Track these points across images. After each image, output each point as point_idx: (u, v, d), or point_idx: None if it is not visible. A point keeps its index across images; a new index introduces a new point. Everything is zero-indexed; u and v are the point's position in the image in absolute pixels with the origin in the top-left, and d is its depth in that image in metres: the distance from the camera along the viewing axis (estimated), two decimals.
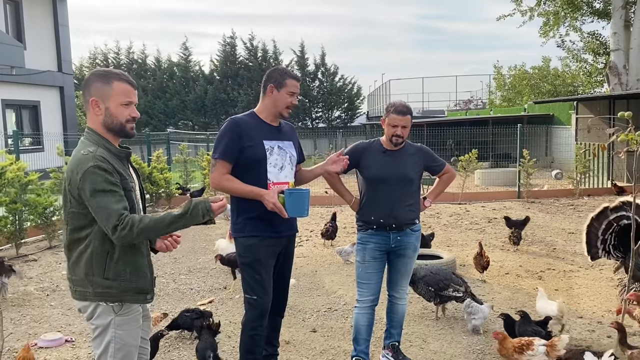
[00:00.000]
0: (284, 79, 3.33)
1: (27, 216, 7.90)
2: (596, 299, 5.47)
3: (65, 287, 6.07)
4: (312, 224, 9.64)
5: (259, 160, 3.27)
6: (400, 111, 3.66)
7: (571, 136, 17.02)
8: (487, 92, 35.34)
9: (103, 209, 2.33)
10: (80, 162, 2.38)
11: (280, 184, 3.32)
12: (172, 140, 18.43)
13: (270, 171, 3.29)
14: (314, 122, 39.03)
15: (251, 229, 3.30)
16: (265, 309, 3.35)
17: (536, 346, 3.35)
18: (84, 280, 2.45)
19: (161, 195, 11.50)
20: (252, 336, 3.37)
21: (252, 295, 3.32)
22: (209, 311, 4.72)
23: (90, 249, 2.43)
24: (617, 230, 5.14)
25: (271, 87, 3.32)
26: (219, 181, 3.27)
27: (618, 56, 17.05)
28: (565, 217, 10.15)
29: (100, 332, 2.52)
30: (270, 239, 3.33)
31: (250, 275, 3.33)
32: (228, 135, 3.26)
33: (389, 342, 4.03)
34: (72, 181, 2.39)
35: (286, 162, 3.38)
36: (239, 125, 3.29)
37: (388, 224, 3.70)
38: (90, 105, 2.47)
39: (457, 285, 4.84)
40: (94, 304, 2.49)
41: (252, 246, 3.30)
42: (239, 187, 3.24)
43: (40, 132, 18.41)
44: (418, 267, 4.85)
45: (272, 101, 3.35)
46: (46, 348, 4.45)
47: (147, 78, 37.63)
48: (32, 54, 18.52)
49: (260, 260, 3.31)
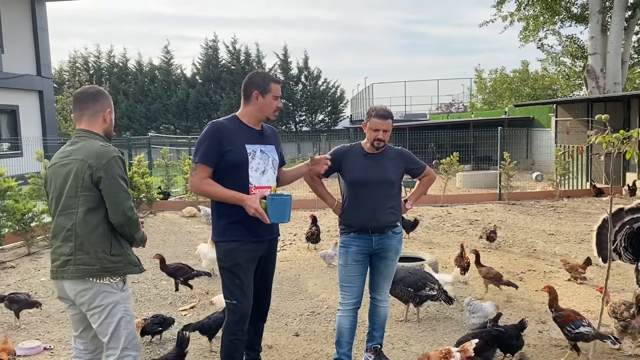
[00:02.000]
0: (268, 84, 3.33)
1: (5, 222, 7.76)
2: (575, 299, 5.55)
3: (45, 295, 5.98)
4: (296, 228, 9.63)
5: (241, 164, 3.26)
6: (381, 115, 3.69)
7: (551, 139, 17.27)
8: (469, 95, 35.75)
9: (124, 192, 2.83)
10: (102, 152, 2.83)
11: (262, 187, 3.31)
12: (153, 145, 18.23)
13: (252, 175, 3.28)
14: (298, 125, 39.07)
15: (231, 233, 3.28)
16: (245, 313, 3.34)
17: (454, 353, 3.52)
18: (93, 258, 2.79)
19: (142, 200, 11.38)
20: (232, 341, 3.35)
21: (232, 300, 3.31)
22: (172, 318, 4.73)
23: (101, 228, 2.82)
24: (631, 232, 5.07)
25: (256, 93, 3.32)
26: (199, 185, 3.25)
27: (595, 60, 17.36)
28: (545, 219, 10.27)
29: (110, 311, 2.82)
30: (251, 244, 3.32)
31: (230, 279, 3.31)
32: (208, 139, 3.25)
33: (372, 345, 4.03)
34: (93, 167, 2.78)
35: (268, 166, 3.38)
36: (220, 130, 3.27)
37: (370, 226, 3.71)
38: (104, 114, 2.98)
39: (432, 283, 4.92)
40: (97, 286, 2.80)
41: (232, 251, 3.28)
42: (220, 192, 3.22)
43: (19, 137, 18.12)
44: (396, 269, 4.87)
45: (257, 107, 3.35)
46: (24, 356, 4.37)
47: (129, 82, 37.36)
48: (10, 57, 18.25)
49: (240, 265, 3.29)
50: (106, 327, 2.82)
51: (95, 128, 2.95)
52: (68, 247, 2.81)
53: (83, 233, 2.79)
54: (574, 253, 7.51)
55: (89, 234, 2.79)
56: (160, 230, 9.88)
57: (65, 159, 2.89)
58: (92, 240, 2.79)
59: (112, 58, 38.58)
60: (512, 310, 5.21)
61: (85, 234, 2.79)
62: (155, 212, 11.70)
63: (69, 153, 2.90)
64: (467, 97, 35.90)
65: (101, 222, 2.82)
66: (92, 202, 2.80)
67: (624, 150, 4.04)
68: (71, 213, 2.82)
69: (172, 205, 12.26)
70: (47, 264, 7.43)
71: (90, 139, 2.89)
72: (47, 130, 20.04)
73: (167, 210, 11.93)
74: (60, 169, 2.89)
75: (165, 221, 10.76)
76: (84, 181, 2.78)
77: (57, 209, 2.88)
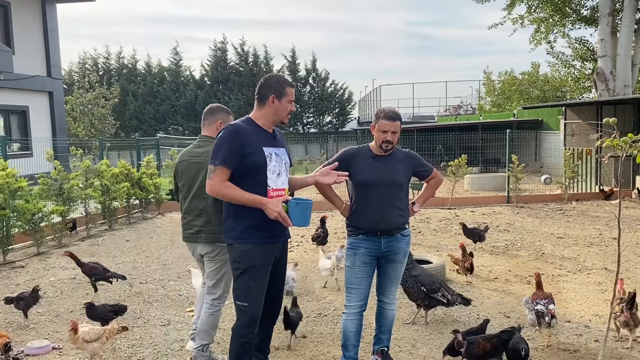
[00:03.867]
0: (284, 88, 3.36)
1: (15, 222, 7.82)
2: (584, 303, 5.52)
3: (54, 294, 6.02)
4: (303, 230, 9.64)
5: (260, 166, 3.26)
6: (390, 117, 3.69)
7: (560, 141, 17.17)
8: (477, 97, 35.60)
9: None
10: None
11: (279, 190, 3.33)
12: (162, 146, 18.36)
13: (270, 177, 3.30)
14: (305, 127, 39.10)
15: (248, 235, 3.27)
16: (256, 316, 3.33)
17: None
18: (218, 230, 3.69)
19: (150, 201, 11.44)
20: (242, 344, 3.34)
21: (243, 302, 3.30)
22: (125, 305, 4.91)
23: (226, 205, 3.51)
24: None
25: (273, 97, 3.33)
26: (219, 188, 3.22)
27: (605, 62, 17.24)
28: (554, 222, 10.22)
29: (220, 266, 3.91)
30: (266, 246, 3.32)
31: (244, 281, 3.29)
32: (229, 141, 3.23)
33: (378, 348, 4.03)
34: None
35: (282, 169, 3.40)
36: (239, 132, 3.27)
37: (379, 228, 3.71)
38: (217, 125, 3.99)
39: (446, 291, 4.87)
40: (219, 248, 3.85)
41: (248, 252, 3.27)
42: (241, 195, 3.20)
43: (29, 137, 18.28)
44: (413, 266, 4.89)
45: (273, 111, 3.36)
46: (33, 356, 4.40)
47: (137, 83, 37.54)
48: (21, 58, 18.41)
49: (256, 267, 3.29)
50: (214, 275, 3.92)
51: (210, 133, 4.03)
52: (200, 221, 3.89)
53: (211, 212, 3.81)
54: (583, 256, 7.47)
55: (215, 213, 3.76)
56: (168, 231, 9.92)
57: (196, 158, 3.95)
58: (218, 217, 3.66)
59: (121, 59, 38.81)
60: (520, 314, 5.18)
61: (212, 213, 3.80)
62: (164, 213, 11.76)
63: (199, 154, 3.94)
64: (475, 99, 35.78)
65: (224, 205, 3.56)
66: None
67: (633, 153, 4.01)
68: (203, 198, 3.80)
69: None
70: (56, 263, 7.49)
71: (208, 141, 3.89)
72: (57, 130, 20.21)
73: (175, 211, 11.97)
74: (191, 165, 3.95)
75: (173, 222, 10.81)
76: None
77: (188, 194, 3.96)
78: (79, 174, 9.38)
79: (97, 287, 5.79)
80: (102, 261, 7.61)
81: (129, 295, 6.04)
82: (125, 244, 8.81)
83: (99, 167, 9.89)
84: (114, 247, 8.55)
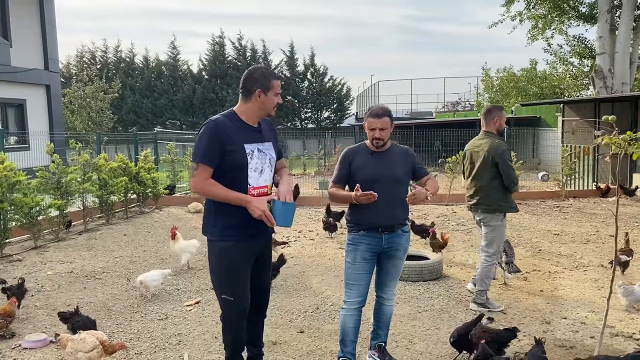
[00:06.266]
0: (270, 81, 3.29)
1: (13, 216, 7.81)
2: (580, 300, 5.54)
3: (51, 288, 6.02)
4: (301, 225, 9.65)
5: (240, 165, 3.23)
6: (375, 114, 3.72)
7: (557, 138, 17.20)
8: (475, 94, 35.59)
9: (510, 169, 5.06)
10: (498, 145, 5.07)
11: (260, 187, 3.31)
12: (159, 140, 18.34)
13: (251, 176, 3.26)
14: (303, 122, 39.07)
15: (229, 233, 3.28)
16: (243, 308, 3.38)
17: None
18: (492, 203, 5.07)
19: (148, 195, 11.42)
20: (234, 336, 3.44)
21: (229, 296, 3.35)
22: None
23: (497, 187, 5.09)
24: None
25: (259, 91, 3.27)
26: (202, 186, 3.21)
27: (603, 60, 17.26)
28: (551, 219, 10.25)
29: (492, 229, 5.13)
30: (247, 242, 3.33)
31: (227, 277, 3.33)
32: (208, 138, 3.19)
33: (376, 343, 4.04)
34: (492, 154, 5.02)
35: (265, 165, 3.36)
36: (220, 129, 3.21)
37: (380, 224, 3.72)
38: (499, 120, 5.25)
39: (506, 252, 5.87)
40: (493, 218, 5.11)
41: (229, 249, 3.29)
42: (224, 193, 3.19)
43: (26, 130, 18.23)
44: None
45: (259, 105, 3.31)
46: (30, 349, 4.41)
47: (135, 77, 37.44)
48: (18, 51, 18.35)
49: (237, 263, 3.32)
50: (488, 236, 5.17)
51: (491, 129, 5.22)
52: (478, 196, 5.16)
53: (487, 189, 5.09)
54: (579, 253, 7.49)
55: (490, 190, 5.08)
56: (165, 225, 9.91)
57: (477, 147, 5.21)
58: (492, 194, 5.07)
59: (119, 53, 38.70)
60: (517, 310, 5.20)
61: (487, 189, 5.09)
62: (161, 207, 11.75)
63: (479, 145, 5.19)
64: (473, 95, 35.79)
65: (497, 184, 5.06)
66: (493, 174, 5.05)
67: (630, 151, 4.02)
68: (481, 178, 5.13)
69: (178, 200, 12.30)
70: (53, 257, 7.49)
71: (490, 138, 5.15)
72: (54, 124, 20.15)
73: (173, 206, 11.97)
74: (475, 152, 5.22)
75: (171, 216, 10.80)
76: (489, 162, 5.04)
77: (470, 174, 5.26)
78: (78, 168, 9.35)
79: None
80: (100, 255, 7.63)
81: (126, 289, 6.04)
82: (123, 238, 8.80)
83: (97, 162, 9.87)
84: (111, 242, 8.55)
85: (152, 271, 5.94)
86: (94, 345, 3.75)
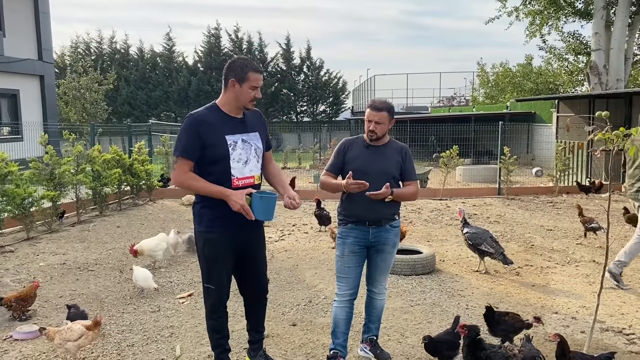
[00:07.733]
0: (246, 72, 3.23)
1: (5, 207, 7.77)
2: (571, 295, 5.57)
3: (44, 279, 6.01)
4: (295, 219, 9.65)
5: (222, 157, 3.23)
6: (374, 107, 3.74)
7: (552, 134, 17.24)
8: (471, 89, 35.62)
9: None
10: None
11: (245, 178, 3.31)
12: (154, 132, 18.25)
13: (234, 167, 3.27)
14: (299, 116, 38.99)
15: (215, 224, 3.32)
16: (222, 297, 3.48)
17: None
18: None
19: (142, 187, 11.38)
20: (214, 320, 3.53)
21: (210, 285, 3.44)
22: None
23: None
24: None
25: (232, 81, 3.24)
26: (182, 179, 3.24)
27: (599, 56, 17.29)
28: (544, 214, 10.29)
29: None
30: (231, 235, 3.35)
31: (210, 267, 3.42)
32: (188, 132, 3.21)
33: (367, 336, 4.06)
34: None
35: (251, 155, 3.35)
36: (199, 122, 3.22)
37: (367, 218, 3.73)
38: None
39: (490, 245, 6.13)
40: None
41: (213, 240, 3.35)
42: (205, 187, 3.22)
43: (19, 121, 18.10)
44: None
45: (234, 96, 3.27)
46: (22, 340, 4.40)
47: (130, 68, 37.21)
48: (12, 41, 18.19)
49: (220, 254, 3.38)
50: None
51: None
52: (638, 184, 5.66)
53: None
54: (572, 249, 7.53)
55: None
56: (159, 217, 9.90)
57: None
58: None
59: (113, 44, 38.43)
60: (509, 305, 5.23)
61: None
62: (155, 200, 11.72)
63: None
64: (469, 90, 35.81)
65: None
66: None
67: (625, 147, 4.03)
68: None
69: (172, 193, 12.27)
70: (45, 248, 7.46)
71: None
72: (48, 115, 20.03)
73: (167, 198, 11.94)
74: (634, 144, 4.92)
75: (165, 209, 10.78)
76: None
77: (633, 164, 5.70)
78: (71, 159, 9.31)
79: None
80: (92, 247, 7.61)
81: (119, 281, 6.03)
82: (116, 230, 8.78)
83: (91, 153, 9.83)
84: (104, 233, 8.53)
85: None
86: (81, 332, 3.81)
